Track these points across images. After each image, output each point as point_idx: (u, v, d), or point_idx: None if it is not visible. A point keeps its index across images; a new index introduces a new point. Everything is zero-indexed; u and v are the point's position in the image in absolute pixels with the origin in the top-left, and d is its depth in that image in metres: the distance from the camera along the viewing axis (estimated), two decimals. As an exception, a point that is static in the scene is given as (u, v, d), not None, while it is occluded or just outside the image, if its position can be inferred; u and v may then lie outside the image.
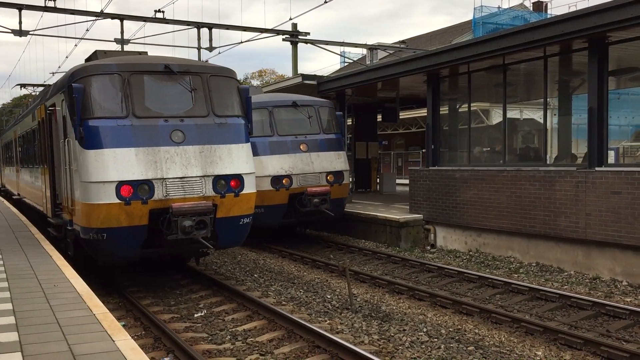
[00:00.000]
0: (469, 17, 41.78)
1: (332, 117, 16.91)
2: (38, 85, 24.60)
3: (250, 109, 11.91)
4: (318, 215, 15.98)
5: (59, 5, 24.62)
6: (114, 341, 5.78)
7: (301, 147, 15.84)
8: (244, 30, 26.63)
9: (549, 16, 32.16)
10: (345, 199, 16.93)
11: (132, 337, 6.17)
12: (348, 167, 16.71)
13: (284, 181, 15.34)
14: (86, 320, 6.58)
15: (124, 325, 8.73)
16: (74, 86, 10.37)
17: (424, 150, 23.18)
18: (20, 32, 22.93)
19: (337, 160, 16.32)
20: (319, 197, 15.40)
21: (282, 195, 15.39)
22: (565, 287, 11.63)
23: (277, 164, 15.37)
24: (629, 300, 10.61)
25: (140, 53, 13.64)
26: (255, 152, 14.41)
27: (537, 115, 21.08)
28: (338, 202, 16.32)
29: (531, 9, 39.96)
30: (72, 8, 23.67)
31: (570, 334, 8.56)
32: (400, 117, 29.05)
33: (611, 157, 13.57)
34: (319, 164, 15.90)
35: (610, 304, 9.92)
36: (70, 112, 10.83)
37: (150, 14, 28.94)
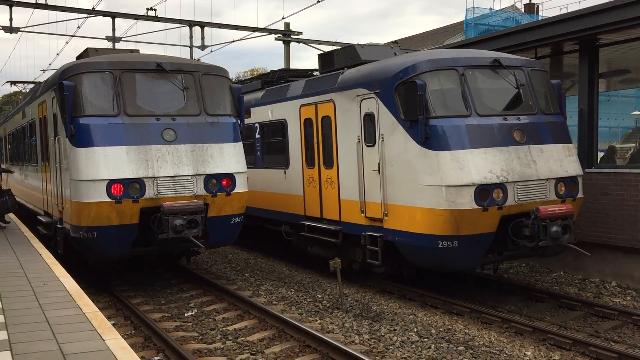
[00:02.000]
0: (460, 17, 41.93)
1: (548, 88, 10.77)
2: (28, 83, 24.48)
3: (242, 108, 11.90)
4: (550, 252, 10.28)
5: (50, 2, 24.59)
6: (103, 340, 5.76)
7: (515, 135, 9.82)
8: (237, 29, 26.60)
9: (540, 18, 32.32)
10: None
11: (122, 336, 6.15)
12: (582, 171, 10.57)
13: (494, 194, 9.39)
14: (76, 319, 6.55)
15: (114, 324, 8.70)
16: (64, 84, 10.33)
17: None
18: (10, 29, 22.78)
19: (567, 159, 10.20)
20: (556, 221, 9.46)
21: (490, 218, 9.43)
22: (555, 287, 11.70)
23: (483, 165, 9.42)
24: (617, 301, 10.68)
25: (132, 51, 13.59)
26: (440, 144, 9.50)
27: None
28: None
29: (523, 10, 40.12)
30: (63, 5, 23.55)
31: (559, 334, 8.61)
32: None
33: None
34: (544, 165, 9.89)
35: (599, 304, 9.99)
36: (61, 109, 10.79)
37: (141, 12, 28.90)
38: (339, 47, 13.21)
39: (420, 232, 9.72)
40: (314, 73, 14.76)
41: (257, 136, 15.10)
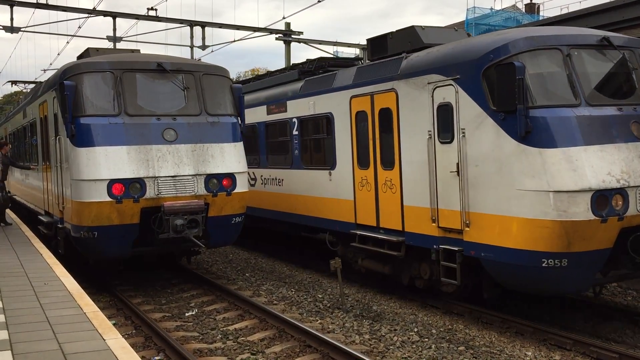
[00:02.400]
0: (461, 17, 41.95)
1: None
2: (29, 82, 24.51)
3: (242, 108, 11.91)
4: None
5: (50, 2, 24.73)
6: (104, 340, 5.76)
7: (633, 129, 8.28)
8: (237, 29, 26.64)
9: (541, 18, 32.31)
10: None
11: (122, 336, 6.15)
12: None
13: (613, 201, 7.87)
14: (77, 319, 6.55)
15: (114, 324, 8.70)
16: (65, 84, 10.35)
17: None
18: (11, 29, 22.82)
19: None
20: None
21: (609, 230, 7.91)
22: (556, 287, 11.69)
23: (600, 165, 7.87)
24: (618, 301, 10.68)
25: (132, 51, 13.62)
26: (546, 139, 7.91)
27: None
28: None
29: (523, 10, 40.12)
30: (64, 5, 23.61)
31: (560, 334, 8.60)
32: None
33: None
34: None
35: (600, 304, 9.98)
36: (61, 109, 10.80)
37: (142, 12, 28.92)
38: (379, 36, 11.44)
39: (518, 247, 8.09)
40: (354, 62, 13.71)
41: (295, 132, 13.27)
